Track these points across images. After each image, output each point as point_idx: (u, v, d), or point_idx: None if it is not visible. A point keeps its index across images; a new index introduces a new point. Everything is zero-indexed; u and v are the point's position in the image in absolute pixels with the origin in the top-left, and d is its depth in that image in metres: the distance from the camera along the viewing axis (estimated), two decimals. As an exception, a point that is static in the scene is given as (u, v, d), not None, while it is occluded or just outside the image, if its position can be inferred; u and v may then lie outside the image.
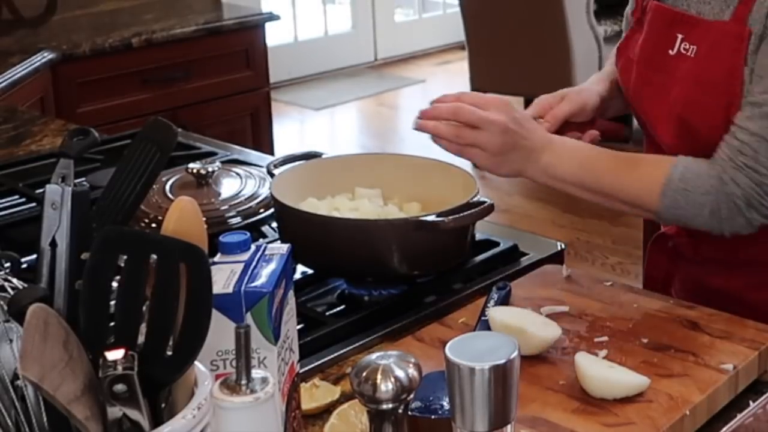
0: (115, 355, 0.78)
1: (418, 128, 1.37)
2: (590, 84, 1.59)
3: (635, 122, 1.59)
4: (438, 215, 1.37)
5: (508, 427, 0.90)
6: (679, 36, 1.39)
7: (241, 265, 1.00)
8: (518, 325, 1.22)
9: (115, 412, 0.79)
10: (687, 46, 1.38)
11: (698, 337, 1.26)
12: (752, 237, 1.36)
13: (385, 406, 0.93)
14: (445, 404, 1.03)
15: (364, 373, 0.93)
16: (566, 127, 1.49)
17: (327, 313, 1.39)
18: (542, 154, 1.37)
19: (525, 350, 1.15)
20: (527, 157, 1.37)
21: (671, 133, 1.40)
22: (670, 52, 1.40)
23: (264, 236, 1.59)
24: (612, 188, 1.37)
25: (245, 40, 3.66)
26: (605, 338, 1.26)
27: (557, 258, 1.55)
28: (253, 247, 1.04)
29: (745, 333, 1.26)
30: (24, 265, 1.02)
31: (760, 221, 1.33)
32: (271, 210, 1.58)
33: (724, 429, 1.04)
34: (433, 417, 1.02)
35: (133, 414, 0.79)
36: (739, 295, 1.43)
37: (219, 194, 1.64)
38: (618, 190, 1.37)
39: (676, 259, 1.53)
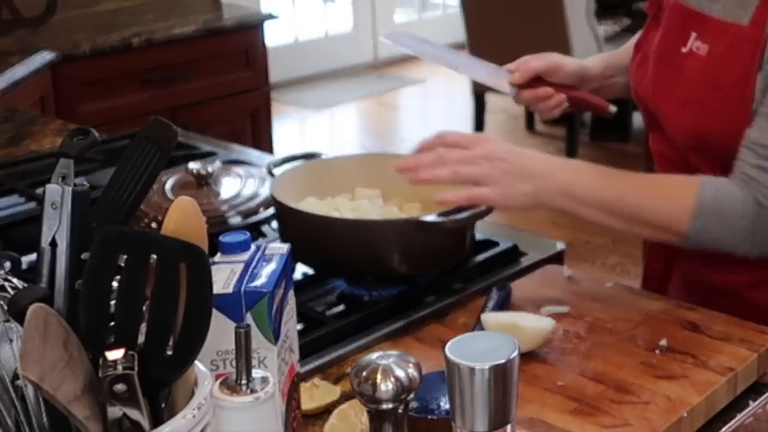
0: (115, 355, 0.78)
1: (412, 178, 1.32)
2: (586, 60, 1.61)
3: (635, 120, 1.60)
4: (438, 215, 1.37)
5: (508, 427, 0.90)
6: (693, 34, 1.39)
7: (241, 265, 1.00)
8: (511, 321, 1.23)
9: (115, 412, 0.79)
10: (699, 45, 1.38)
11: (698, 338, 1.26)
12: None
13: (385, 406, 0.93)
14: (443, 404, 1.03)
15: (364, 373, 0.93)
16: (539, 83, 1.55)
17: (327, 313, 1.39)
18: (557, 174, 1.30)
19: (522, 346, 1.15)
20: (538, 180, 1.29)
21: (681, 129, 1.40)
22: (683, 49, 1.40)
23: (264, 236, 1.59)
24: (636, 209, 1.30)
25: (245, 40, 3.66)
26: (605, 339, 1.26)
27: (557, 258, 1.55)
28: (253, 247, 1.04)
29: (744, 335, 1.26)
30: (24, 265, 1.02)
31: None
32: (271, 210, 1.58)
33: (724, 429, 1.04)
34: (429, 417, 1.02)
35: (133, 414, 0.79)
36: (738, 293, 1.42)
37: (219, 194, 1.64)
38: (643, 211, 1.30)
39: (676, 254, 1.52)
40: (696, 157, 1.40)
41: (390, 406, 0.93)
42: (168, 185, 1.65)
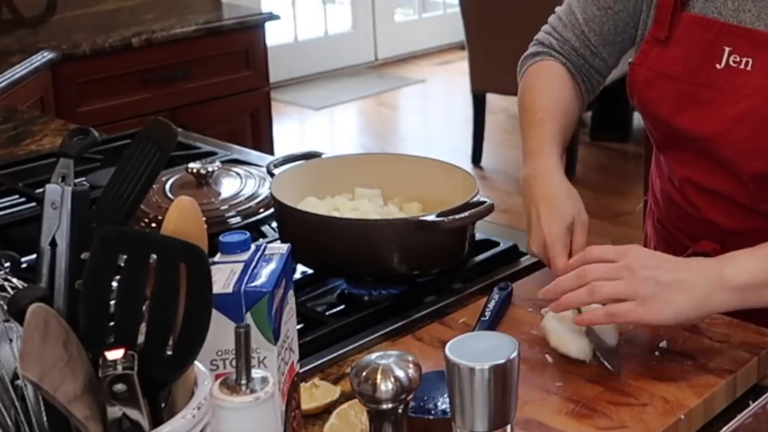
0: (115, 354, 0.78)
1: (553, 310, 1.21)
2: (555, 175, 1.40)
3: (635, 120, 1.55)
4: (438, 215, 1.37)
5: (508, 427, 0.90)
6: (727, 49, 1.36)
7: (241, 265, 1.00)
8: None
9: (114, 411, 0.79)
10: (738, 59, 1.35)
11: (698, 340, 1.26)
12: None
13: (384, 406, 0.93)
14: (440, 404, 1.03)
15: (364, 373, 0.93)
16: None
17: (327, 313, 1.39)
18: (720, 270, 1.19)
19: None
20: (698, 283, 1.17)
21: (737, 146, 1.36)
22: (718, 66, 1.37)
23: (264, 236, 1.59)
24: None
25: (245, 40, 3.66)
26: (605, 339, 1.26)
27: (557, 258, 1.55)
28: (253, 247, 1.04)
29: (745, 337, 1.25)
30: (24, 265, 1.02)
31: None
32: (271, 210, 1.58)
33: (724, 429, 1.04)
34: (426, 417, 1.02)
35: (133, 414, 0.79)
36: None
37: (219, 194, 1.64)
38: None
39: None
40: (754, 184, 1.37)
41: (390, 406, 0.93)
42: (168, 185, 1.65)
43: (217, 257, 1.02)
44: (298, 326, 1.21)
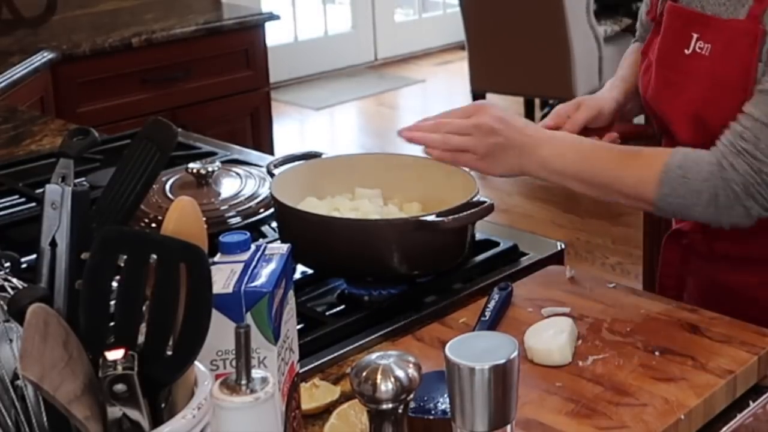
0: (115, 355, 0.78)
1: (406, 138, 1.46)
2: (605, 91, 1.61)
3: (634, 122, 1.60)
4: (438, 215, 1.37)
5: (508, 427, 0.90)
6: (695, 35, 1.40)
7: (241, 265, 1.00)
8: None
9: (115, 412, 0.79)
10: (702, 45, 1.39)
11: (698, 340, 1.26)
12: (767, 232, 1.36)
13: (385, 406, 0.93)
14: (440, 404, 1.03)
15: (364, 373, 0.93)
16: (585, 133, 1.50)
17: (327, 313, 1.39)
18: (539, 148, 1.39)
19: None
20: (522, 153, 1.39)
21: (689, 132, 1.40)
22: (686, 51, 1.41)
23: (264, 236, 1.59)
24: (610, 179, 1.37)
25: (245, 40, 3.66)
26: (604, 340, 1.26)
27: (557, 258, 1.55)
28: (253, 247, 1.04)
29: (745, 337, 1.25)
30: (24, 265, 1.02)
31: (758, 212, 1.31)
32: (271, 210, 1.58)
33: (724, 429, 1.04)
34: (426, 417, 1.02)
35: (133, 414, 0.79)
36: (754, 294, 1.43)
37: (219, 194, 1.64)
38: (616, 181, 1.37)
39: (689, 257, 1.53)
40: None
41: (390, 406, 0.93)
42: (168, 185, 1.65)
43: (217, 257, 1.02)
44: (298, 326, 1.21)
